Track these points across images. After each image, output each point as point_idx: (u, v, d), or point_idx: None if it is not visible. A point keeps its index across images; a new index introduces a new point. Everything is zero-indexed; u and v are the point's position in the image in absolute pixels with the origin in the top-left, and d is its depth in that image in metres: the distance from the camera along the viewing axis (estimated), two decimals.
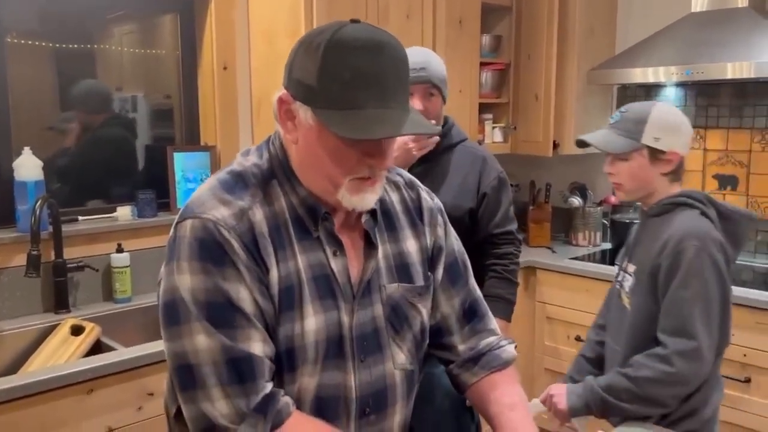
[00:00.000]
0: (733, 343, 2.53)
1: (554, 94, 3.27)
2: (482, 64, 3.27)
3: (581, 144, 1.80)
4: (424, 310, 1.20)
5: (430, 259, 1.23)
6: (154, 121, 2.77)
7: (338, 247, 1.10)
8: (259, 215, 1.04)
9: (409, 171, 1.95)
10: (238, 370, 0.98)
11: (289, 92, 1.03)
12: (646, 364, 1.47)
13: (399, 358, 1.16)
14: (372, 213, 1.14)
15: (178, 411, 1.12)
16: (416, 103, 1.88)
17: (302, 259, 1.06)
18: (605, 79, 3.13)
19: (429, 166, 1.96)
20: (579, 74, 3.24)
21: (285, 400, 1.02)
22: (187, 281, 0.99)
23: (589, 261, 3.12)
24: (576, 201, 3.43)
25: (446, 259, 1.25)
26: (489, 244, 2.00)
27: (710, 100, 3.14)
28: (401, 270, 1.17)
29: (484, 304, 1.31)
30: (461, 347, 1.26)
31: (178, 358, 1.00)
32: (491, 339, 1.28)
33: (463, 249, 1.31)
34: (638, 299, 1.56)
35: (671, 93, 3.26)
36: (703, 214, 1.56)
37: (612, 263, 3.01)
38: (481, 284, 2.04)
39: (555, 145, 3.31)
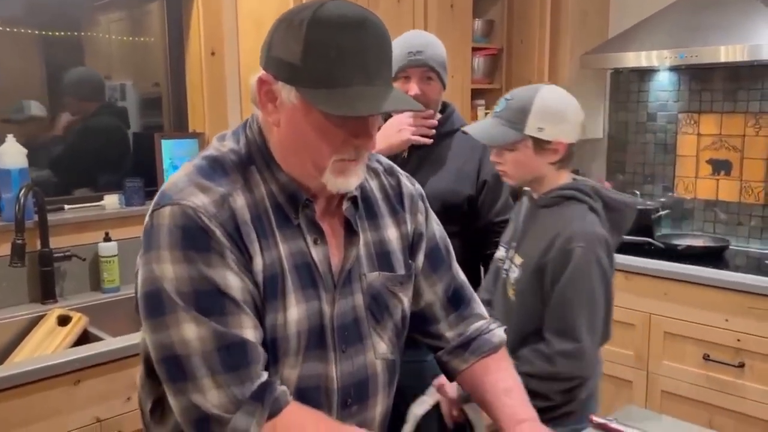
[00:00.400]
0: (726, 329, 2.55)
1: (547, 79, 3.23)
2: (474, 50, 3.23)
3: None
4: (405, 298, 1.18)
5: (411, 247, 1.21)
6: (143, 109, 2.74)
7: (319, 235, 1.07)
8: (240, 202, 1.01)
9: (408, 157, 1.92)
10: (232, 357, 0.95)
11: (269, 72, 1.00)
12: (531, 360, 1.48)
13: (380, 347, 1.14)
14: (353, 200, 1.11)
15: (155, 405, 1.09)
16: (413, 87, 1.85)
17: (284, 248, 1.03)
18: (598, 63, 3.11)
19: (427, 151, 1.92)
20: (572, 59, 3.21)
21: (282, 388, 0.99)
22: (169, 271, 0.95)
23: None
24: None
25: (427, 245, 1.23)
26: (489, 233, 1.97)
27: (704, 84, 3.12)
28: (382, 258, 1.15)
29: (470, 289, 1.29)
30: (449, 334, 1.24)
31: (163, 350, 0.96)
32: (480, 323, 1.26)
33: (445, 234, 1.29)
34: (524, 296, 1.56)
35: (665, 77, 3.23)
36: (591, 208, 1.54)
37: None
38: (479, 273, 2.03)
39: None
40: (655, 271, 2.72)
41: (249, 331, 0.98)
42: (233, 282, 0.97)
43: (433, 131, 1.90)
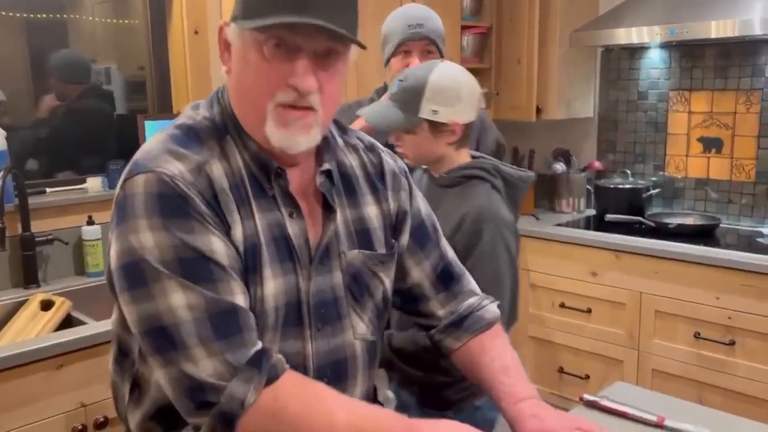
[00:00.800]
0: (717, 306, 2.54)
1: (537, 57, 3.20)
2: (463, 28, 3.19)
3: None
4: (387, 279, 1.15)
5: (395, 226, 1.18)
6: (129, 92, 2.70)
7: (294, 209, 1.04)
8: (217, 170, 0.98)
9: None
10: (225, 325, 0.91)
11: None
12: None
13: (359, 328, 1.11)
14: (327, 175, 1.08)
15: (132, 387, 1.06)
16: (414, 61, 1.80)
17: (260, 219, 1.00)
18: (588, 41, 3.07)
19: None
20: (562, 37, 3.17)
21: (278, 356, 0.95)
22: (148, 240, 0.91)
23: (574, 227, 3.08)
24: (560, 167, 3.39)
25: (412, 223, 1.20)
26: None
27: (695, 61, 3.09)
28: (361, 236, 1.12)
29: (459, 265, 1.26)
30: (441, 312, 1.22)
31: (149, 321, 0.92)
32: (472, 300, 1.23)
33: (431, 212, 1.26)
34: None
35: (656, 55, 3.20)
36: (494, 186, 1.53)
37: (597, 230, 2.99)
38: None
39: (538, 110, 3.26)
40: (645, 249, 2.71)
41: (240, 297, 0.95)
42: (219, 247, 0.94)
43: None
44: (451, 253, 1.26)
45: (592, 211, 3.34)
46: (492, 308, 1.24)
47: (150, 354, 0.94)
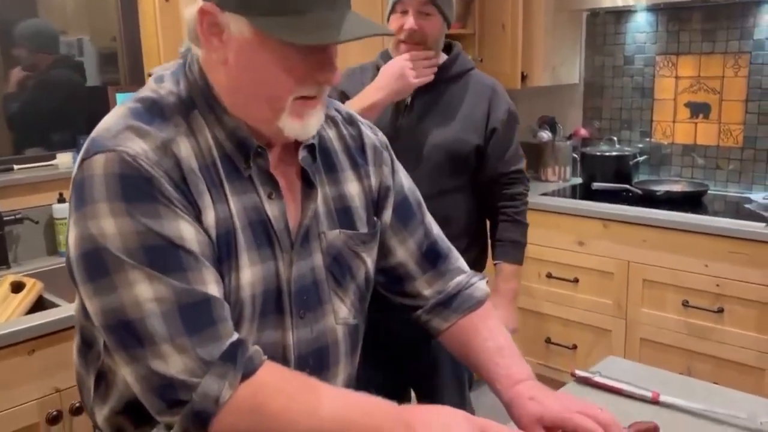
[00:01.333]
0: (705, 274, 2.52)
1: (521, 23, 3.11)
2: None
3: None
4: (369, 259, 1.08)
5: (376, 202, 1.11)
6: (102, 65, 2.59)
7: (274, 189, 0.96)
8: (185, 149, 0.90)
9: (411, 104, 1.77)
10: (197, 318, 0.84)
11: (213, 2, 0.88)
12: None
13: (341, 312, 1.04)
14: (310, 150, 1.01)
15: (98, 381, 0.99)
16: (408, 21, 1.70)
17: (234, 203, 0.92)
18: (574, 4, 2.99)
19: (432, 97, 1.78)
20: (547, 1, 3.08)
21: (255, 347, 0.89)
22: (110, 226, 0.83)
23: (560, 196, 3.04)
24: (545, 135, 3.33)
25: (395, 199, 1.13)
26: (497, 185, 1.86)
27: (682, 24, 3.02)
28: (342, 215, 1.05)
29: (446, 242, 1.20)
30: (427, 292, 1.15)
31: (112, 315, 0.84)
32: (460, 278, 1.17)
33: (414, 187, 1.19)
34: None
35: (642, 18, 3.13)
36: None
37: (584, 199, 2.94)
38: (485, 229, 1.93)
39: (523, 77, 3.18)
40: (633, 218, 2.67)
41: (213, 286, 0.87)
42: (188, 233, 0.86)
43: (435, 69, 1.76)
44: (436, 230, 1.19)
45: (578, 180, 3.29)
46: (481, 285, 1.18)
47: (115, 350, 0.87)
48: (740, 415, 1.13)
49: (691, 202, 2.80)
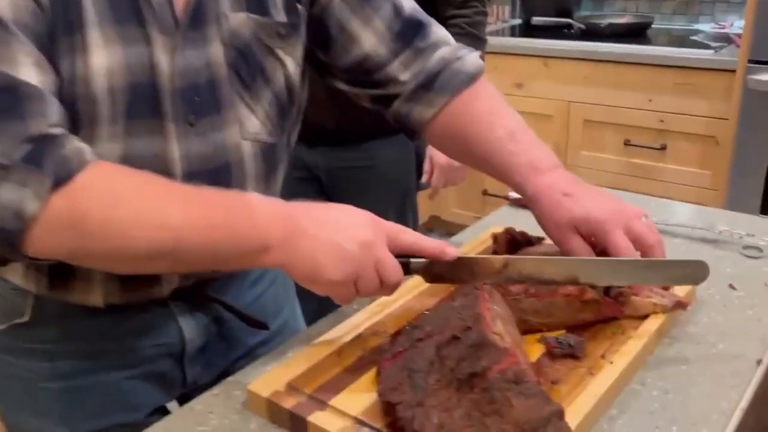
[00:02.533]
0: (649, 110, 2.37)
1: None
2: None
3: None
4: (289, 59, 0.82)
5: None
6: None
7: None
8: None
9: None
10: None
11: None
12: None
13: (250, 124, 0.79)
14: None
15: None
16: None
17: None
18: None
19: None
20: None
21: (79, 146, 0.65)
22: None
23: (500, 36, 2.80)
24: None
25: None
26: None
27: None
28: None
29: (422, 13, 0.91)
30: (404, 76, 0.87)
31: None
32: (444, 50, 0.89)
33: None
34: None
35: None
36: None
37: (523, 36, 2.71)
38: None
39: None
40: (575, 53, 2.48)
41: (27, 69, 0.63)
42: None
43: None
44: (408, 1, 0.89)
45: (518, 21, 3.04)
46: (472, 59, 0.90)
47: None
48: (697, 226, 0.99)
49: (636, 34, 2.62)
